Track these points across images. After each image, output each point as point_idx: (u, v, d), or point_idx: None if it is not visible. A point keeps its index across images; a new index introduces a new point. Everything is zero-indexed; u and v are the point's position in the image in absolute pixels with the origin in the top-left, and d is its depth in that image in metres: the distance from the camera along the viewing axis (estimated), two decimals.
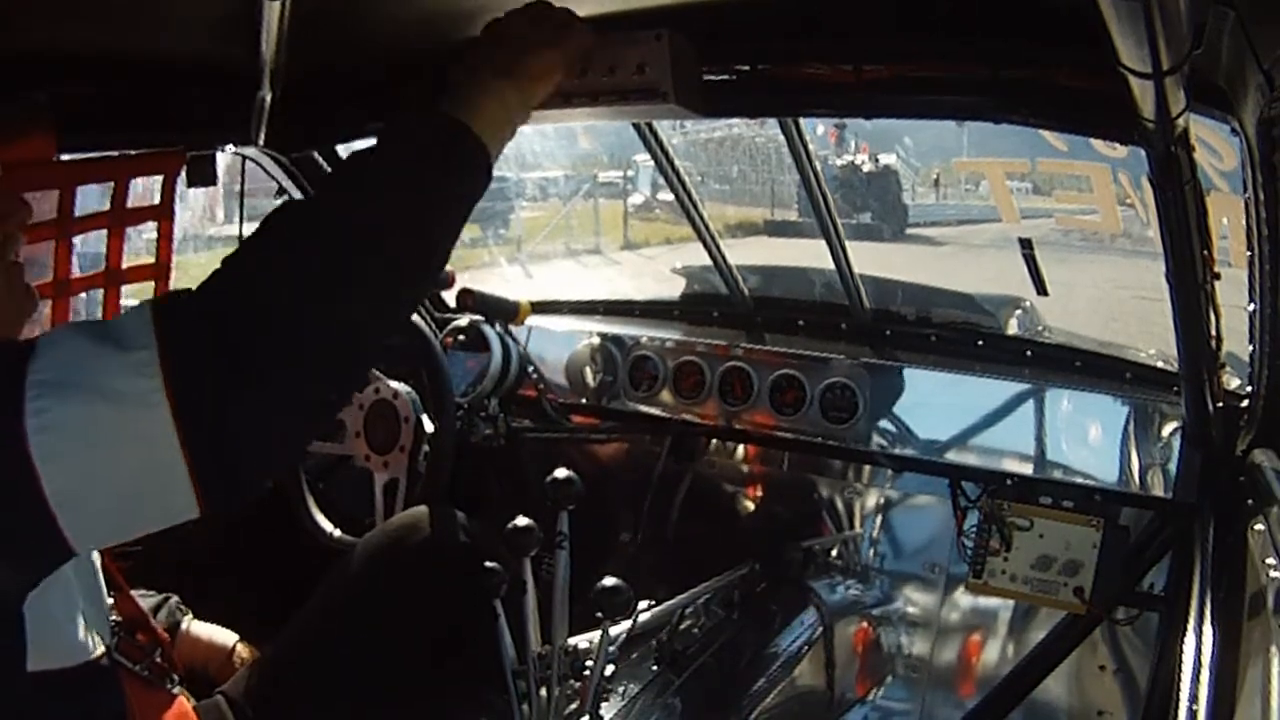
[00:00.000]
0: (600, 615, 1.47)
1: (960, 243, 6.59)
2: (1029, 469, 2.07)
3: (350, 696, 1.62)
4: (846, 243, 2.36)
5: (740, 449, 2.58)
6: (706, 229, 2.48)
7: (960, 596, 2.33)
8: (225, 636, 1.78)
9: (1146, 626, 1.98)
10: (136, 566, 1.58)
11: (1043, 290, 2.37)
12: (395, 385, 2.29)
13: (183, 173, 1.91)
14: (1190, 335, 1.57)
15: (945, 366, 2.24)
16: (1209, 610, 1.52)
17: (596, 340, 2.55)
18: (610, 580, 1.47)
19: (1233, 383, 1.79)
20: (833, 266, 2.39)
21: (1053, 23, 1.24)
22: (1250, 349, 1.55)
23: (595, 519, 2.06)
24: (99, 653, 1.11)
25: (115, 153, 1.80)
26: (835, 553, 2.45)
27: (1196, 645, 1.44)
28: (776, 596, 2.19)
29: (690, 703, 1.72)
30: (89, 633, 1.09)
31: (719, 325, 2.60)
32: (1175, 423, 1.93)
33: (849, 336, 2.44)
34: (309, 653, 1.66)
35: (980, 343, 2.32)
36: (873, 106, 1.56)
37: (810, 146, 2.24)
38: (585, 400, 2.56)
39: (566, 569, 1.58)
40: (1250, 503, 1.60)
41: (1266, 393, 1.58)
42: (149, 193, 1.96)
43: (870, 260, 2.58)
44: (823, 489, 2.48)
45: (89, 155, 1.77)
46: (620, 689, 1.62)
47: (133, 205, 1.90)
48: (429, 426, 2.24)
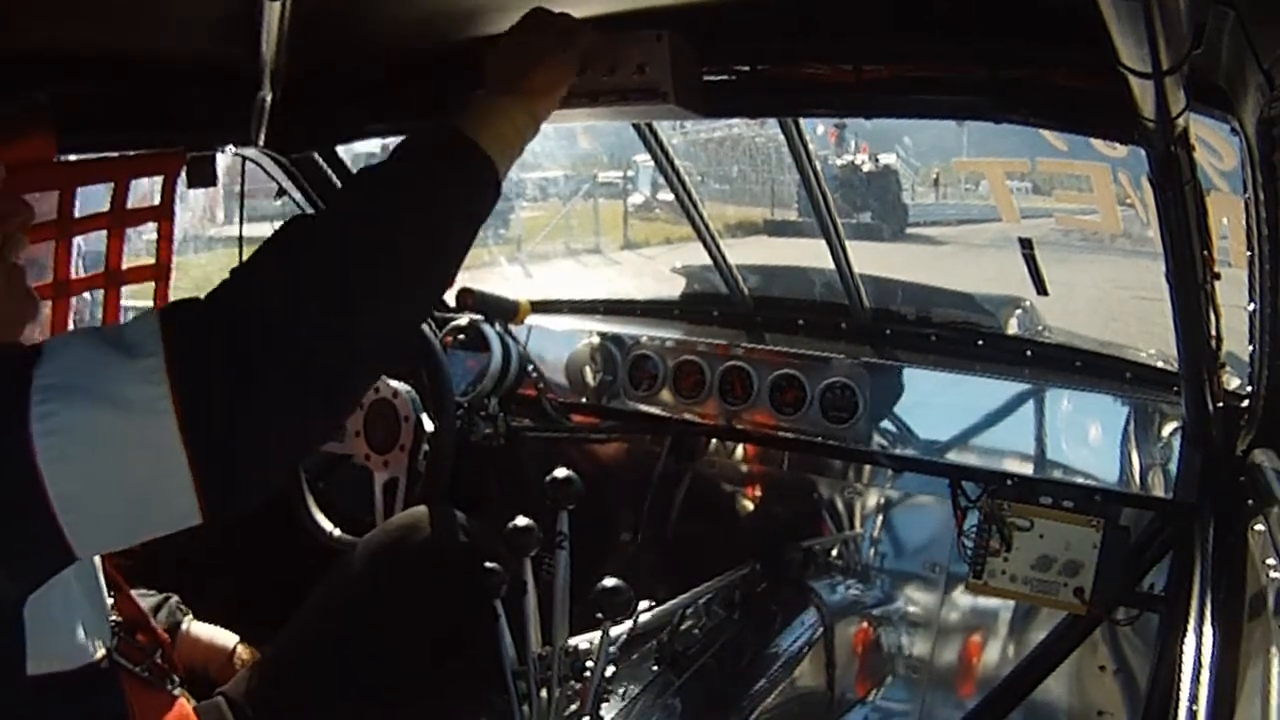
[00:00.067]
0: (600, 615, 1.47)
1: (960, 242, 6.59)
2: (1029, 469, 2.07)
3: (350, 697, 1.62)
4: (846, 242, 2.36)
5: (740, 449, 2.58)
6: (706, 229, 2.48)
7: (960, 596, 2.33)
8: (225, 637, 1.78)
9: (1146, 627, 1.98)
10: (136, 567, 1.57)
11: (1043, 290, 2.37)
12: (395, 384, 2.29)
13: (183, 173, 1.91)
14: (1190, 335, 1.57)
15: (945, 366, 2.23)
16: (1209, 610, 1.52)
17: (596, 340, 2.55)
18: (610, 580, 1.47)
19: (1233, 383, 1.79)
20: (833, 266, 2.39)
21: (1052, 22, 1.24)
22: (1250, 349, 1.55)
23: (595, 519, 2.05)
24: (99, 655, 1.11)
25: (115, 153, 1.81)
26: (835, 553, 2.45)
27: (1196, 645, 1.44)
28: (777, 596, 2.19)
29: (690, 703, 1.72)
30: (89, 635, 1.09)
31: (719, 325, 2.60)
32: (1175, 423, 1.93)
33: (849, 336, 2.43)
34: (309, 653, 1.66)
35: (980, 342, 2.32)
36: (873, 106, 1.57)
37: (810, 146, 2.23)
38: (585, 400, 2.56)
39: (567, 569, 1.58)
40: (1250, 503, 1.60)
41: (1266, 393, 1.57)
42: (149, 194, 1.96)
43: (870, 260, 2.58)
44: (823, 489, 2.48)
45: (89, 156, 1.77)
46: (620, 689, 1.62)
47: (133, 206, 1.91)
48: (429, 426, 2.24)
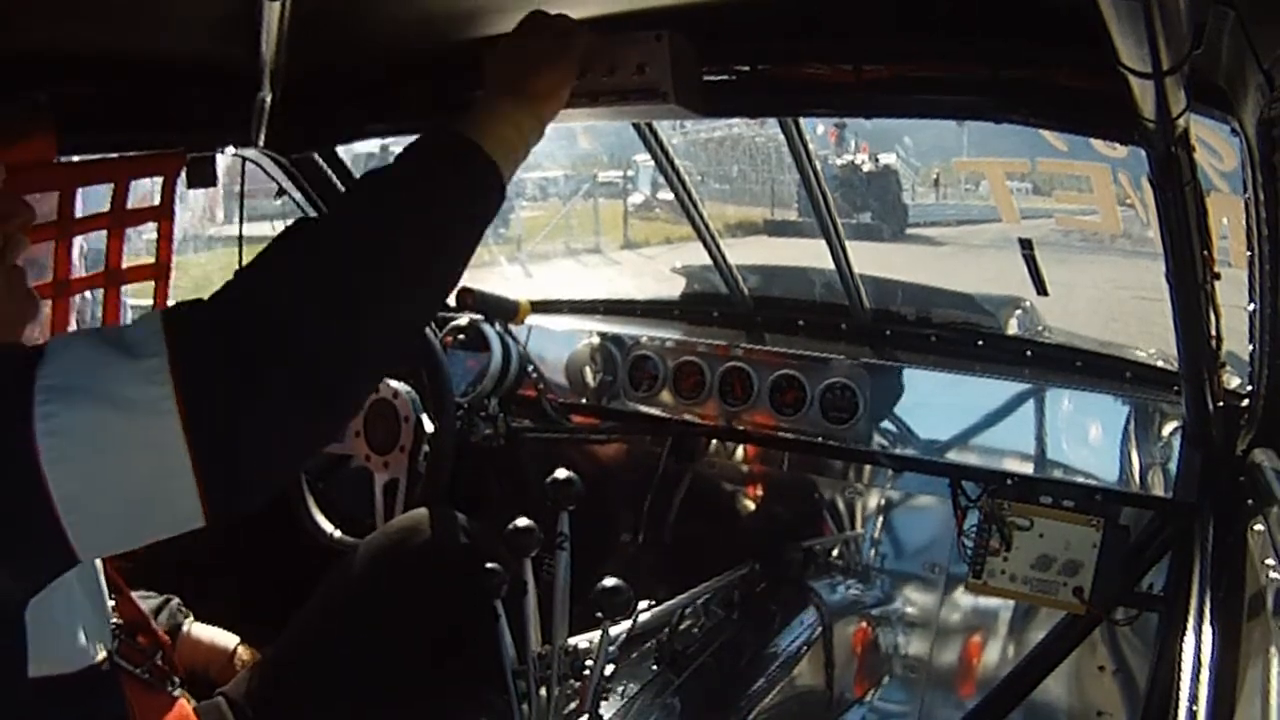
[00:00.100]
0: (600, 615, 1.47)
1: (960, 243, 6.59)
2: (1029, 469, 2.07)
3: (351, 697, 1.62)
4: (846, 242, 2.35)
5: (740, 449, 2.58)
6: (706, 229, 2.48)
7: (960, 596, 2.33)
8: (226, 638, 1.77)
9: (1146, 626, 1.98)
10: (137, 568, 1.57)
11: (1043, 290, 2.37)
12: (395, 385, 2.29)
13: (183, 174, 1.92)
14: (1190, 335, 1.57)
15: (945, 366, 2.23)
16: (1209, 610, 1.52)
17: (596, 340, 2.55)
18: (610, 580, 1.47)
19: (1233, 382, 1.79)
20: (833, 266, 2.39)
21: (1053, 23, 1.24)
22: (1250, 349, 1.55)
23: (595, 519, 2.06)
24: (100, 657, 1.11)
25: (115, 154, 1.81)
26: (835, 553, 2.45)
27: (1196, 645, 1.44)
28: (776, 596, 2.19)
29: (690, 703, 1.72)
30: (90, 637, 1.09)
31: (719, 325, 2.60)
32: (1175, 422, 1.93)
33: (849, 336, 2.43)
34: (310, 654, 1.66)
35: (980, 343, 2.32)
36: (873, 106, 1.56)
37: (810, 146, 2.23)
38: (585, 400, 2.56)
39: (567, 569, 1.58)
40: (1250, 503, 1.60)
41: (1266, 392, 1.58)
42: (149, 194, 1.96)
43: (870, 260, 2.58)
44: (823, 489, 2.48)
45: (89, 157, 1.77)
46: (620, 689, 1.62)
47: (133, 206, 1.91)
48: (429, 426, 2.24)
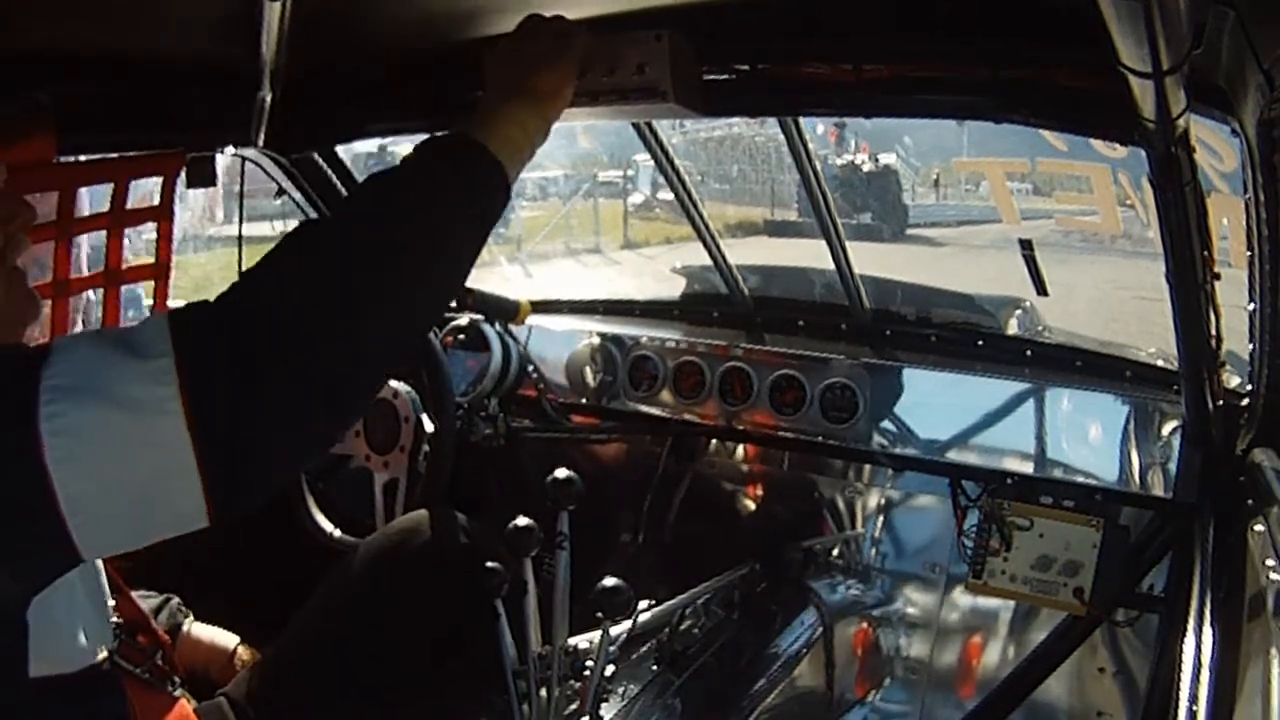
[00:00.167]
0: (600, 615, 1.47)
1: (960, 243, 6.60)
2: (1029, 468, 2.07)
3: (351, 697, 1.62)
4: (846, 243, 2.35)
5: (740, 449, 2.58)
6: (706, 229, 2.48)
7: (960, 597, 2.33)
8: (226, 638, 1.78)
9: (1146, 627, 1.98)
10: (137, 568, 1.57)
11: (1043, 291, 2.37)
12: (395, 385, 2.29)
13: (182, 174, 1.91)
14: (1190, 335, 1.57)
15: (945, 366, 2.23)
16: (1209, 611, 1.52)
17: (596, 340, 2.55)
18: (610, 580, 1.47)
19: (1233, 382, 1.79)
20: (833, 266, 2.39)
21: (1053, 23, 1.24)
22: (1250, 349, 1.55)
23: (595, 519, 2.06)
24: (101, 657, 1.11)
25: (115, 154, 1.81)
26: (835, 553, 2.45)
27: (1196, 646, 1.43)
28: (776, 596, 2.19)
29: (690, 703, 1.72)
30: (91, 637, 1.09)
31: (719, 325, 2.60)
32: (1175, 422, 1.93)
33: (849, 336, 2.43)
34: (310, 654, 1.66)
35: (980, 343, 2.32)
36: (873, 106, 1.56)
37: (810, 146, 2.23)
38: (585, 400, 2.56)
39: (567, 569, 1.58)
40: (1250, 503, 1.60)
41: (1266, 392, 1.57)
42: (150, 194, 1.96)
43: (870, 260, 2.58)
44: (823, 489, 2.48)
45: (89, 157, 1.77)
46: (620, 689, 1.62)
47: (133, 206, 1.91)
48: (429, 426, 2.24)
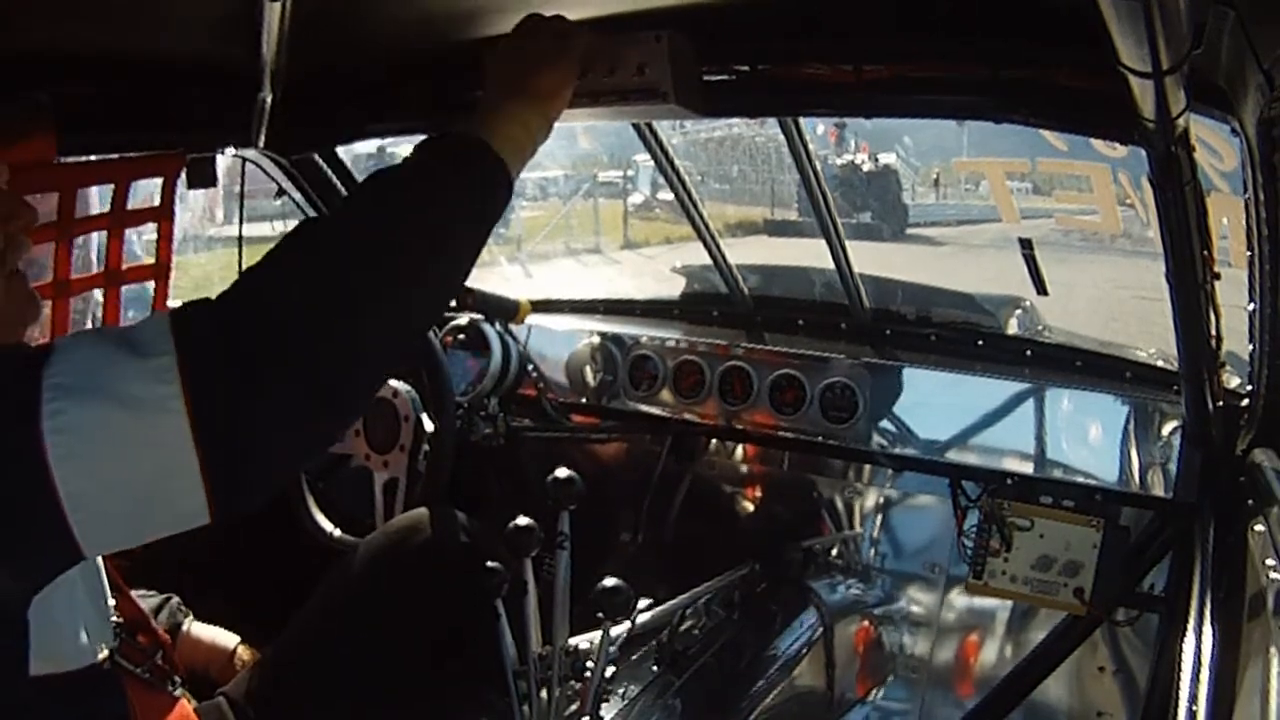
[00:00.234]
0: (600, 615, 1.47)
1: (960, 243, 6.60)
2: (1029, 468, 2.07)
3: (351, 697, 1.62)
4: (846, 242, 2.35)
5: (740, 449, 2.58)
6: (706, 228, 2.48)
7: (960, 597, 2.33)
8: (226, 638, 1.78)
9: (1146, 627, 1.98)
10: (137, 568, 1.57)
11: (1043, 290, 2.37)
12: (395, 384, 2.29)
13: (183, 174, 1.92)
14: (1190, 335, 1.57)
15: (945, 366, 2.23)
16: (1209, 611, 1.52)
17: (596, 340, 2.55)
18: (610, 580, 1.47)
19: (1233, 382, 1.79)
20: (833, 266, 2.39)
21: (1053, 23, 1.24)
22: (1250, 349, 1.55)
23: (595, 519, 2.06)
24: (101, 656, 1.11)
25: (115, 154, 1.81)
26: (835, 553, 2.45)
27: (1196, 646, 1.44)
28: (776, 596, 2.19)
29: (690, 703, 1.72)
30: (92, 636, 1.10)
31: (719, 325, 2.60)
32: (1175, 422, 1.93)
33: (849, 336, 2.43)
34: (310, 653, 1.66)
35: (980, 342, 2.32)
36: (873, 106, 1.56)
37: (810, 146, 2.23)
38: (585, 400, 2.56)
39: (567, 569, 1.58)
40: (1250, 503, 1.60)
41: (1266, 392, 1.57)
42: (150, 194, 1.96)
43: (870, 260, 2.58)
44: (823, 489, 2.48)
45: (89, 157, 1.77)
46: (620, 689, 1.62)
47: (133, 207, 1.91)
48: (429, 426, 2.24)
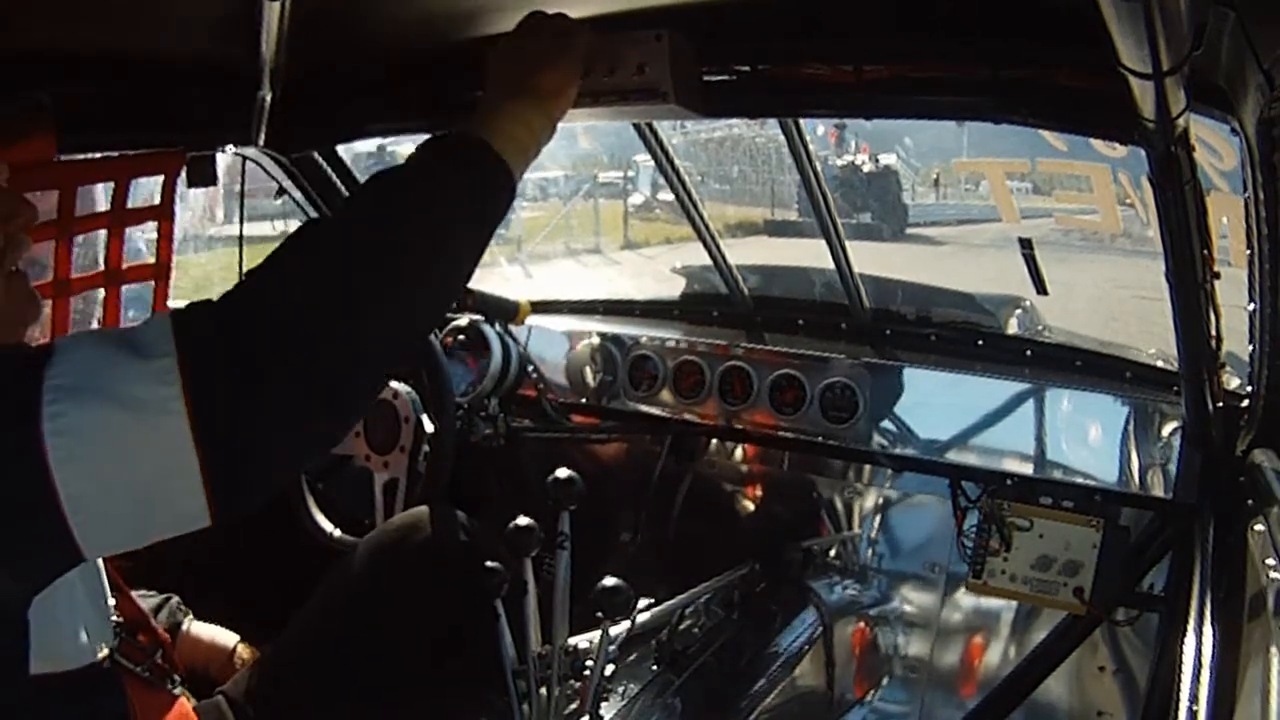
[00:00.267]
0: (600, 615, 1.47)
1: (960, 242, 6.61)
2: (1029, 469, 2.07)
3: (351, 696, 1.62)
4: (846, 242, 2.35)
5: (740, 449, 2.58)
6: (706, 229, 2.48)
7: (960, 596, 2.33)
8: (226, 637, 1.78)
9: (1146, 627, 1.98)
10: (137, 567, 1.57)
11: (1043, 290, 2.37)
12: (395, 385, 2.28)
13: (183, 173, 1.92)
14: (1190, 335, 1.57)
15: (945, 366, 2.23)
16: (1209, 610, 1.52)
17: (596, 340, 2.55)
18: (610, 580, 1.47)
19: (1233, 383, 1.79)
20: (833, 266, 2.39)
21: (1053, 23, 1.24)
22: (1250, 349, 1.55)
23: (595, 519, 2.06)
24: (102, 655, 1.11)
25: (115, 153, 1.81)
26: (835, 553, 2.45)
27: (1196, 646, 1.44)
28: (776, 596, 2.19)
29: (690, 703, 1.72)
30: (92, 636, 1.10)
31: (719, 325, 2.60)
32: (1175, 423, 1.93)
33: (849, 336, 2.43)
34: (309, 653, 1.66)
35: (980, 342, 2.32)
36: (873, 106, 1.56)
37: (810, 146, 2.23)
38: (585, 400, 2.56)
39: (567, 569, 1.58)
40: (1250, 503, 1.60)
41: (1266, 393, 1.57)
42: (150, 194, 1.96)
43: (870, 260, 2.58)
44: (823, 489, 2.48)
45: (89, 155, 1.77)
46: (620, 689, 1.62)
47: (133, 206, 1.91)
48: (429, 426, 2.24)
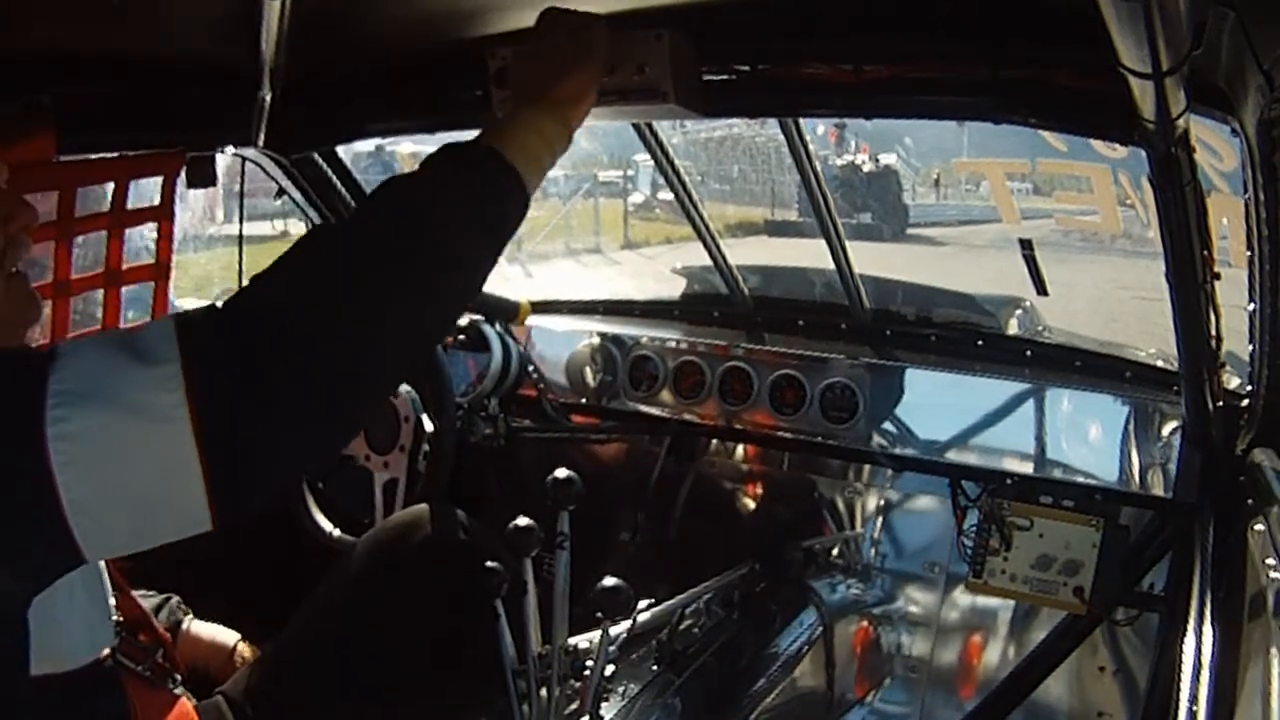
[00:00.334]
0: (600, 615, 1.47)
1: (960, 243, 6.62)
2: (1029, 468, 2.07)
3: (350, 696, 1.62)
4: (846, 243, 2.35)
5: (740, 449, 2.58)
6: (706, 229, 2.48)
7: (960, 596, 2.32)
8: (226, 636, 1.78)
9: (1146, 627, 1.98)
10: (137, 567, 1.57)
11: (1043, 290, 2.37)
12: None
13: (183, 173, 1.92)
14: (1190, 335, 1.57)
15: (945, 366, 2.23)
16: (1209, 610, 1.52)
17: (596, 340, 2.55)
18: (610, 580, 1.47)
19: (1233, 382, 1.79)
20: (833, 266, 2.39)
21: (1053, 23, 1.24)
22: (1250, 349, 1.55)
23: (595, 519, 2.06)
24: (102, 655, 1.11)
25: (115, 153, 1.81)
26: (835, 553, 2.45)
27: (1196, 645, 1.44)
28: (776, 596, 2.19)
29: (690, 703, 1.72)
30: (92, 635, 1.10)
31: (719, 325, 2.60)
32: (1175, 422, 1.93)
33: (849, 336, 2.43)
34: (309, 652, 1.66)
35: (980, 343, 2.32)
36: (873, 106, 1.56)
37: (810, 146, 2.23)
38: (585, 400, 2.56)
39: (567, 569, 1.58)
40: (1250, 503, 1.60)
41: (1266, 392, 1.57)
42: (150, 194, 1.96)
43: (870, 260, 2.58)
44: (823, 489, 2.48)
45: (89, 156, 1.77)
46: (620, 689, 1.62)
47: (133, 206, 1.91)
48: (429, 426, 2.24)
